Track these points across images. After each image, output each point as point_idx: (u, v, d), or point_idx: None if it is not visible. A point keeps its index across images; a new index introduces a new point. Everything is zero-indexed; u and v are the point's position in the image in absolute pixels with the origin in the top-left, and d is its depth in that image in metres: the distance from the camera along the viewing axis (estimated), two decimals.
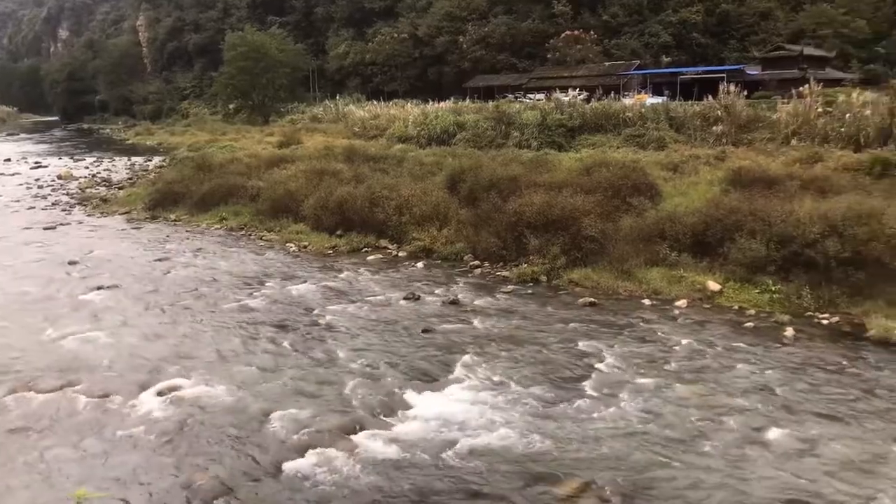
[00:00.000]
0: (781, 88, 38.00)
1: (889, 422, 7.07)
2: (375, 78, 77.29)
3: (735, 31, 63.20)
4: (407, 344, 9.49)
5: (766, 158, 19.73)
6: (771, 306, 10.54)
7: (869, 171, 16.62)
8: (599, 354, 8.93)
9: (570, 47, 61.17)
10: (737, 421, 7.11)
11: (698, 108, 27.54)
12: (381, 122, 37.82)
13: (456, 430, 6.97)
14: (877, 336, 9.17)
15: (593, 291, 11.68)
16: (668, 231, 12.74)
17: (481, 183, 16.02)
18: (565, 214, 13.00)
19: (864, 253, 10.25)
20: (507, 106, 32.92)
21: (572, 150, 25.62)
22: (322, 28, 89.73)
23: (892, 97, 21.82)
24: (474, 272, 13.19)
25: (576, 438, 6.80)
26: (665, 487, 5.99)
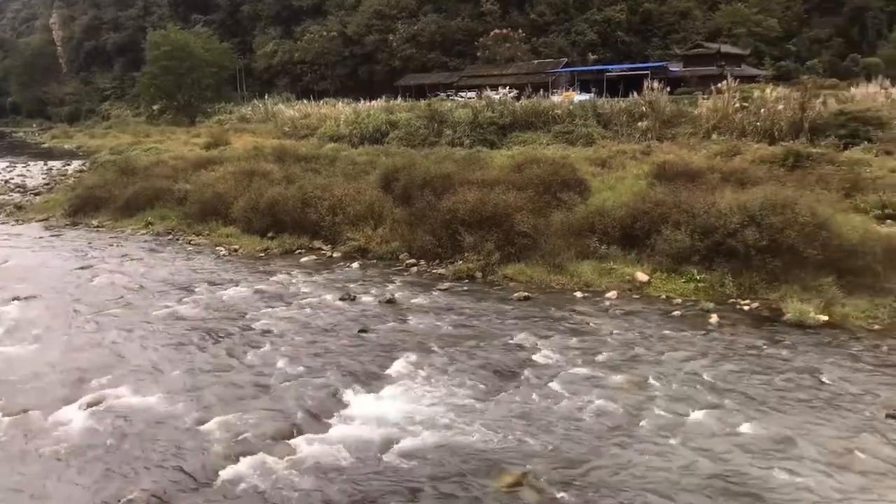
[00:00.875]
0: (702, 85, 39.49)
1: (803, 400, 7.46)
2: (305, 77, 76.26)
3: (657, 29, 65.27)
4: (343, 345, 9.42)
5: (688, 152, 20.45)
6: (696, 294, 10.95)
7: (783, 162, 17.47)
8: (534, 347, 9.09)
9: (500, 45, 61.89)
10: (666, 407, 7.36)
11: (624, 105, 28.36)
12: (312, 122, 37.36)
13: (395, 430, 6.96)
14: (792, 319, 9.66)
15: (527, 286, 11.86)
16: (597, 225, 13.07)
17: (415, 181, 16.03)
18: (498, 211, 13.15)
19: (780, 241, 10.76)
20: (438, 104, 33.07)
21: (504, 148, 25.97)
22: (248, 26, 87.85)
23: (803, 93, 23.03)
24: (410, 270, 13.20)
25: (512, 432, 6.89)
26: (598, 475, 6.16)
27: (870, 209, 13.79)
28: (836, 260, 10.65)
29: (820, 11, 67.23)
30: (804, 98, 22.67)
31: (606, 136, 25.87)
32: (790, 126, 22.12)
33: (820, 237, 10.75)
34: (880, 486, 5.89)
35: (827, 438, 6.65)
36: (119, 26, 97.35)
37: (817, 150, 18.44)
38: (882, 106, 22.89)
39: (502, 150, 24.88)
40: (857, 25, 65.69)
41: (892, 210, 13.73)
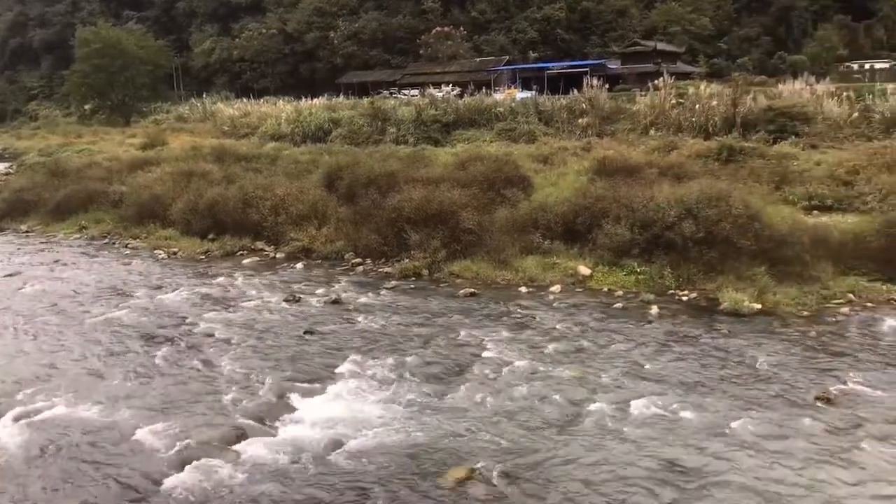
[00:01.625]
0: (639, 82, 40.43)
1: (739, 387, 7.74)
2: (244, 75, 74.83)
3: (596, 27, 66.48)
4: (289, 347, 9.30)
5: (627, 148, 20.92)
6: (637, 286, 11.22)
7: (717, 157, 18.07)
8: (481, 343, 9.16)
9: (441, 43, 62.03)
10: (610, 397, 7.53)
11: (565, 102, 28.83)
12: (253, 121, 36.69)
13: (343, 430, 6.91)
14: (728, 308, 10.01)
15: (473, 282, 11.94)
16: (540, 220, 13.25)
17: (360, 180, 15.94)
18: (444, 208, 13.18)
19: (716, 232, 11.12)
20: (382, 102, 32.94)
21: (448, 145, 26.07)
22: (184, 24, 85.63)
23: (734, 90, 23.85)
24: (356, 270, 13.12)
25: (461, 427, 6.94)
26: (546, 466, 6.25)
27: (797, 201, 14.38)
28: (768, 250, 11.08)
29: (749, 11, 69.77)
30: (736, 94, 23.48)
31: (548, 133, 26.24)
32: (723, 121, 22.88)
33: (752, 228, 11.16)
34: (811, 467, 6.15)
35: (762, 423, 6.91)
36: (46, 23, 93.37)
37: (749, 145, 19.14)
38: (807, 102, 23.86)
39: (446, 148, 24.96)
40: (783, 25, 68.42)
41: (818, 201, 14.36)
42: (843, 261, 11.10)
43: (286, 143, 29.72)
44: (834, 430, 6.72)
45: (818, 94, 24.97)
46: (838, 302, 10.22)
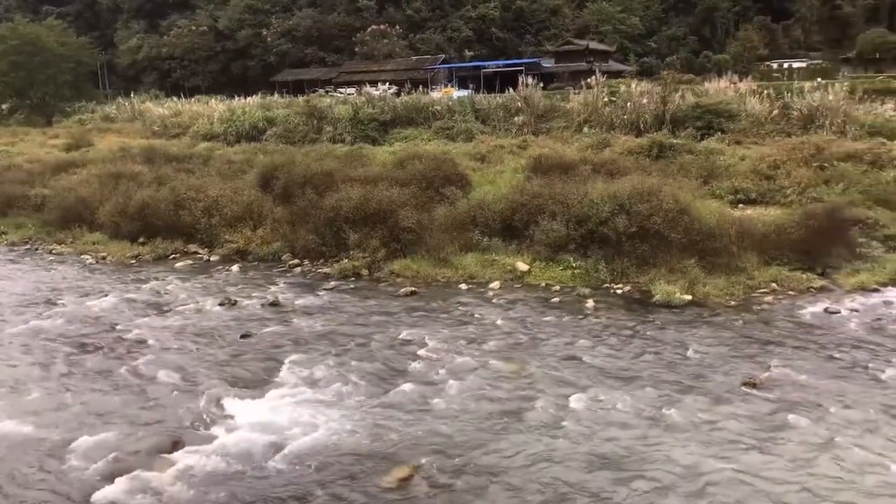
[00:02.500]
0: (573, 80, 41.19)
1: (672, 376, 8.00)
2: (174, 73, 72.65)
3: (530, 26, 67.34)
4: (225, 352, 9.09)
5: (562, 145, 21.30)
6: (573, 281, 11.44)
7: (648, 153, 18.58)
8: (422, 341, 9.17)
9: (377, 41, 61.73)
10: (549, 390, 7.66)
11: (501, 100, 29.09)
12: (184, 120, 35.60)
13: (282, 435, 6.81)
14: (661, 300, 10.32)
15: (413, 281, 11.94)
16: (479, 218, 13.36)
17: (296, 179, 15.70)
18: (382, 207, 13.13)
19: (648, 227, 11.46)
20: (317, 100, 32.53)
21: (386, 144, 25.95)
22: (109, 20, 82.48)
23: (664, 87, 24.56)
24: (294, 271, 12.93)
25: (403, 427, 6.93)
26: (488, 461, 6.32)
27: (724, 195, 14.94)
28: (697, 242, 11.48)
29: (676, 11, 72.06)
30: (665, 92, 24.19)
31: (485, 132, 26.43)
32: (654, 119, 23.55)
33: (682, 222, 11.54)
34: (738, 451, 6.41)
35: (694, 410, 7.16)
36: None
37: (678, 141, 19.76)
38: (732, 99, 24.80)
39: (384, 147, 24.84)
40: (708, 25, 70.95)
41: (743, 195, 14.96)
42: (766, 252, 11.61)
43: (219, 142, 29.00)
44: (759, 415, 7.02)
45: (741, 92, 25.99)
46: (763, 291, 10.68)
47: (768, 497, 5.68)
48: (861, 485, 5.81)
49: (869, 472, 5.97)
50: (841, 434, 6.58)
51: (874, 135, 19.59)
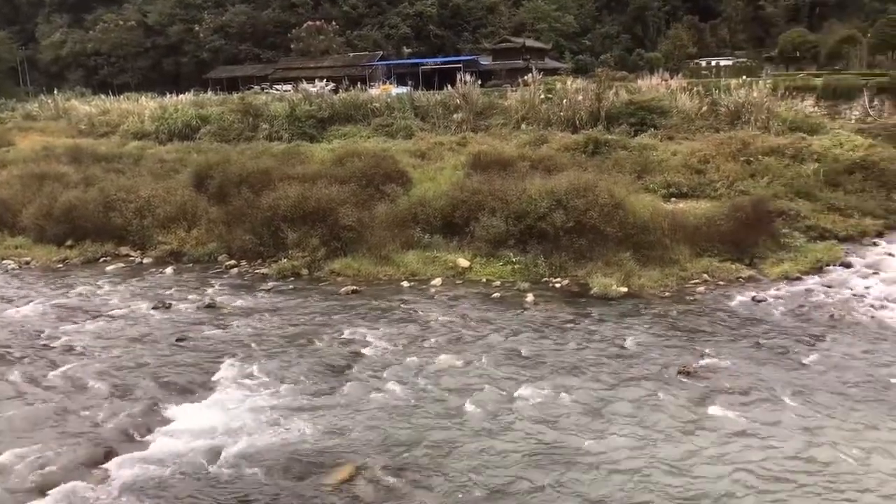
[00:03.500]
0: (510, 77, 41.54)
1: (610, 366, 8.20)
2: (101, 70, 69.89)
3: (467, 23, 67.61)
4: (160, 356, 8.83)
5: (501, 142, 21.43)
6: (513, 276, 11.58)
7: (584, 149, 18.90)
8: (364, 340, 9.12)
9: (314, 38, 60.86)
10: (491, 385, 7.74)
11: (439, 98, 29.07)
12: (113, 118, 34.25)
13: (222, 439, 6.66)
14: (598, 293, 10.56)
15: (355, 279, 11.85)
16: (420, 215, 13.36)
17: (231, 178, 15.36)
18: (322, 206, 12.99)
19: (584, 221, 11.69)
20: (253, 98, 31.83)
21: (324, 141, 25.58)
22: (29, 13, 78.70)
23: (598, 85, 25.04)
24: (231, 272, 12.65)
25: (346, 425, 6.89)
26: (431, 457, 6.34)
27: (657, 189, 15.36)
28: (632, 236, 11.78)
29: (609, 10, 73.59)
30: (600, 90, 24.63)
31: (424, 129, 26.37)
32: (589, 115, 23.94)
33: (618, 216, 11.82)
34: (675, 436, 6.63)
35: (631, 399, 7.36)
36: None
37: (613, 137, 20.16)
38: (663, 96, 25.46)
39: (323, 144, 24.49)
40: (640, 23, 72.74)
41: (675, 189, 15.41)
42: (698, 243, 12.01)
43: (151, 141, 28.02)
44: (694, 401, 7.27)
45: (672, 90, 26.70)
46: (695, 282, 11.05)
47: (702, 478, 5.89)
48: (785, 462, 6.08)
49: (791, 451, 6.26)
50: (767, 416, 6.87)
51: (795, 130, 20.42)
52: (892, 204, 14.20)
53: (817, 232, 12.93)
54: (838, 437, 6.47)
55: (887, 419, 6.78)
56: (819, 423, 6.73)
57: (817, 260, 11.63)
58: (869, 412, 6.93)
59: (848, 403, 7.12)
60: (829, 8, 70.80)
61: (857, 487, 5.73)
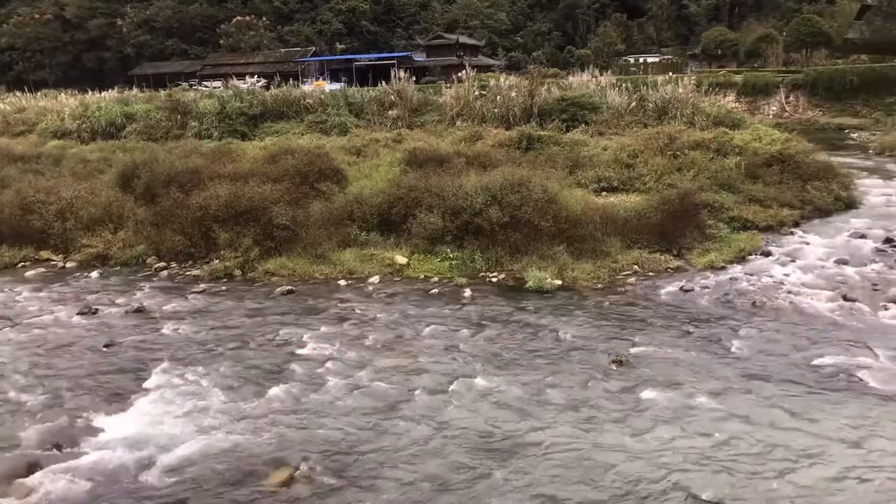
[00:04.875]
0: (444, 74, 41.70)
1: (546, 358, 8.35)
2: (16, 65, 66.54)
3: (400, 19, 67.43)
4: (87, 364, 8.49)
5: (436, 139, 21.53)
6: (451, 272, 11.65)
7: (518, 145, 19.18)
8: (301, 341, 9.01)
9: (244, 33, 59.57)
10: (431, 382, 7.77)
11: (374, 94, 28.94)
12: (29, 116, 32.68)
13: (154, 448, 6.46)
14: (533, 286, 10.73)
15: (290, 279, 11.69)
16: (356, 213, 13.28)
17: (159, 178, 14.89)
18: (254, 204, 12.74)
19: (519, 216, 11.86)
20: (181, 94, 30.90)
21: (256, 139, 25.13)
22: None
23: (531, 81, 25.40)
24: (160, 275, 12.27)
25: (283, 428, 6.79)
26: (371, 457, 6.32)
27: (589, 183, 15.72)
28: (566, 230, 12.02)
29: (540, 7, 74.73)
30: (532, 86, 25.01)
31: (359, 125, 26.21)
32: (522, 111, 24.30)
33: (551, 211, 12.04)
34: (610, 422, 6.82)
35: (567, 389, 7.52)
36: None
37: (545, 133, 20.52)
38: (594, 92, 26.06)
39: (255, 142, 24.03)
40: (570, 21, 74.18)
41: (606, 183, 15.80)
42: (628, 236, 12.35)
43: (72, 140, 26.89)
44: (627, 389, 7.48)
45: (602, 86, 27.35)
46: (626, 273, 11.37)
47: (636, 462, 6.08)
48: (712, 444, 6.35)
49: (717, 433, 6.53)
50: (696, 401, 7.14)
51: (718, 125, 21.24)
52: (807, 195, 14.93)
53: (740, 223, 13.49)
54: (762, 419, 6.78)
55: (807, 400, 7.15)
56: (743, 406, 7.03)
57: (740, 249, 12.13)
58: (790, 394, 7.29)
59: (770, 385, 7.47)
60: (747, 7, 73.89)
61: (780, 468, 6.01)
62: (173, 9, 64.49)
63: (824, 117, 36.78)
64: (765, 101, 39.46)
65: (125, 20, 64.19)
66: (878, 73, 37.29)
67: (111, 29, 64.91)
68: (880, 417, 6.75)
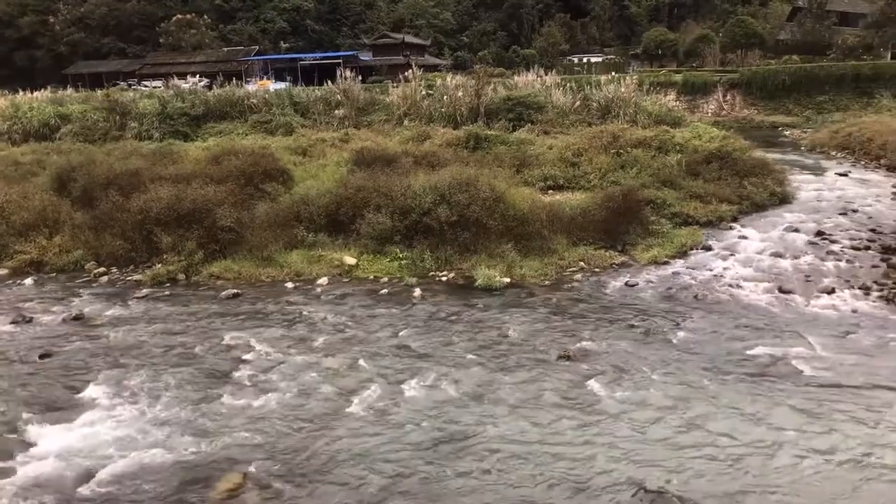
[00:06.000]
0: (391, 73, 41.59)
1: (495, 354, 8.43)
2: None
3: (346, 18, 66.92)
4: (21, 375, 8.16)
5: (384, 138, 21.44)
6: (400, 272, 11.62)
7: (465, 144, 19.25)
8: (247, 345, 8.86)
9: (184, 32, 58.17)
10: (381, 382, 7.74)
11: (320, 93, 28.64)
12: None
13: (95, 459, 6.26)
14: (482, 284, 10.81)
15: (236, 282, 11.47)
16: (303, 213, 13.12)
17: (97, 181, 14.43)
18: (198, 206, 12.46)
19: (468, 215, 11.91)
20: (119, 94, 30.00)
21: (199, 140, 24.59)
22: None
23: (477, 81, 25.53)
24: (100, 280, 11.88)
25: (230, 434, 6.67)
26: (321, 459, 6.27)
27: (535, 182, 15.89)
28: (513, 228, 12.14)
29: (485, 7, 75.20)
30: (479, 86, 25.14)
31: (305, 125, 25.89)
32: (469, 111, 24.41)
33: (499, 209, 12.14)
34: (557, 417, 6.92)
35: (516, 385, 7.60)
36: None
37: (492, 132, 20.66)
38: (539, 92, 26.36)
39: (197, 143, 23.49)
40: (515, 21, 74.86)
41: (552, 182, 16.01)
42: (574, 233, 12.55)
43: (3, 142, 25.81)
44: (574, 383, 7.61)
45: (547, 85, 27.69)
46: (573, 270, 11.55)
47: (583, 454, 6.19)
48: (657, 435, 6.51)
49: (664, 427, 6.70)
50: (641, 393, 7.32)
51: (660, 123, 21.77)
52: (745, 191, 15.43)
53: (681, 218, 13.86)
54: (704, 409, 6.99)
55: (747, 390, 7.40)
56: (687, 397, 7.23)
57: (682, 244, 12.46)
58: (730, 384, 7.53)
59: (711, 375, 7.71)
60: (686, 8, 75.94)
61: (723, 456, 6.21)
62: (109, 6, 62.50)
63: (759, 115, 38.07)
64: (703, 100, 40.62)
65: (58, 17, 61.93)
66: (808, 72, 38.80)
67: (43, 27, 62.53)
68: (815, 404, 7.03)
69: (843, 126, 26.11)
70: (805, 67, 39.87)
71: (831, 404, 7.00)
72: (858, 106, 34.13)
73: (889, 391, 7.28)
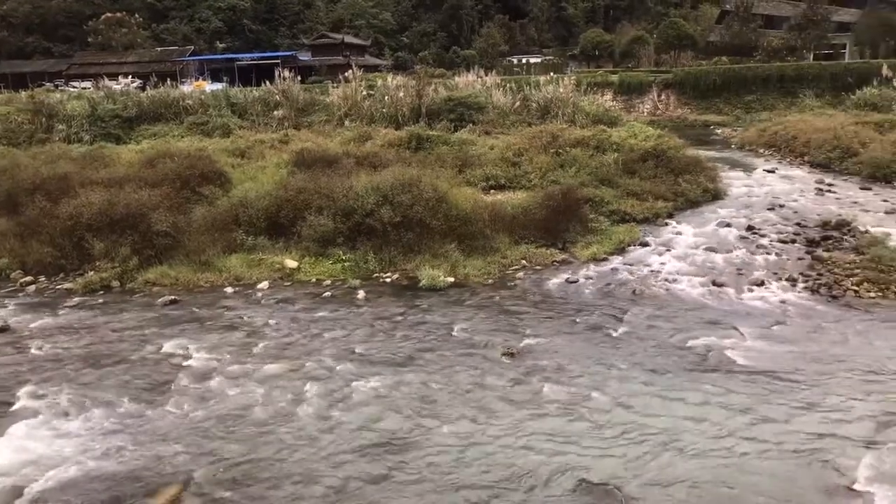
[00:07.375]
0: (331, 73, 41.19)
1: (441, 354, 8.45)
2: None
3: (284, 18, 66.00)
4: None
5: (324, 139, 21.17)
6: (344, 274, 11.53)
7: (408, 145, 19.20)
8: (186, 352, 8.63)
9: (115, 31, 56.27)
10: (325, 387, 7.66)
11: (258, 94, 28.11)
12: None
13: (24, 475, 5.99)
14: (427, 284, 10.82)
15: (173, 289, 11.16)
16: (242, 217, 12.86)
17: (22, 185, 13.83)
18: (131, 211, 12.08)
19: (411, 216, 11.90)
20: (45, 95, 28.75)
21: (132, 142, 23.78)
22: None
23: (418, 81, 25.53)
24: (27, 290, 11.38)
25: (169, 443, 6.49)
26: (264, 467, 6.16)
27: (477, 182, 15.98)
28: (456, 228, 12.18)
29: (425, 8, 75.34)
30: (420, 86, 25.13)
31: (243, 126, 25.35)
32: (411, 111, 24.37)
33: (442, 209, 12.17)
34: (501, 415, 6.99)
35: (461, 384, 7.64)
36: None
37: (434, 133, 20.67)
38: (480, 92, 26.52)
39: (130, 145, 22.71)
40: (455, 22, 75.26)
41: (493, 181, 16.13)
42: (516, 232, 12.69)
43: None
44: (518, 380, 7.70)
45: (488, 86, 27.89)
46: (515, 268, 11.67)
47: (528, 450, 6.26)
48: (600, 428, 6.65)
49: (605, 420, 6.85)
50: (583, 388, 7.45)
51: (597, 123, 22.18)
52: (679, 188, 15.88)
53: (619, 216, 14.15)
54: (643, 402, 7.17)
55: (684, 381, 7.63)
56: (626, 390, 7.41)
57: (620, 241, 12.74)
58: (668, 376, 7.75)
59: (649, 368, 7.91)
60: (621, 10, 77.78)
61: (662, 448, 6.38)
62: (33, 3, 59.95)
63: (692, 114, 39.29)
64: (639, 100, 41.66)
65: None
66: (736, 73, 40.27)
67: None
68: (747, 392, 7.30)
69: (769, 125, 27.16)
70: (734, 68, 41.36)
71: (763, 391, 7.28)
72: (784, 105, 35.57)
73: (818, 375, 7.62)
